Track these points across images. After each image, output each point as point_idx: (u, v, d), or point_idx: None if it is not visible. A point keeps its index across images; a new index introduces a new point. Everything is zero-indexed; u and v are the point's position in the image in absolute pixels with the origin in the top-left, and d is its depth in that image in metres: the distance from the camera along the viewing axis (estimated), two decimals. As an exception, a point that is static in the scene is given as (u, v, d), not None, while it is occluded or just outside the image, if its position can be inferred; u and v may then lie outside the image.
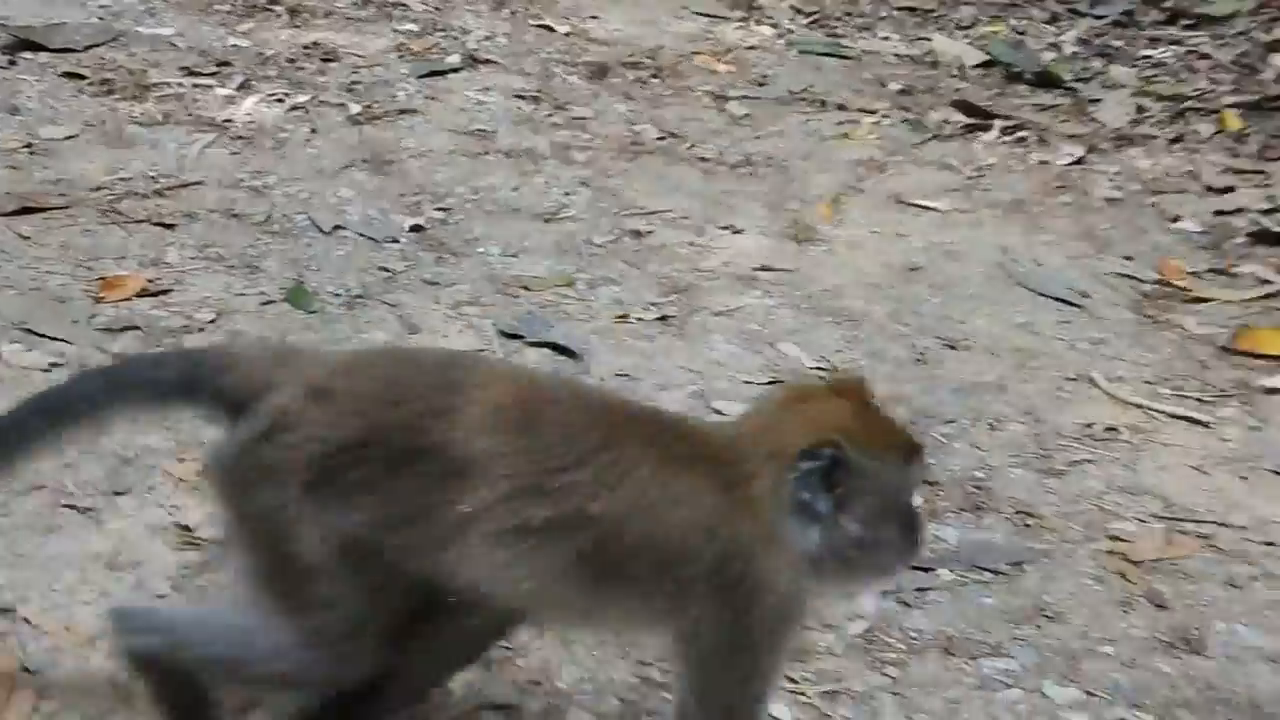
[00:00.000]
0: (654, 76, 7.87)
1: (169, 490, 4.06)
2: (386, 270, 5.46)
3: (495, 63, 7.78)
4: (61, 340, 4.71)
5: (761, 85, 7.92)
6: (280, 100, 6.92)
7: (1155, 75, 8.40)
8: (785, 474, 2.69)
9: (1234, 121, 7.71)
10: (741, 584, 2.69)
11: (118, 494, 4.03)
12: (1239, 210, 6.72)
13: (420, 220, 5.88)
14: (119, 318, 4.91)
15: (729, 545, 2.69)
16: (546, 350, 5.01)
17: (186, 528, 3.91)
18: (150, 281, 5.15)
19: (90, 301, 4.99)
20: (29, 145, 6.14)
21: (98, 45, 7.31)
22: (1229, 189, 6.97)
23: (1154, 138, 7.59)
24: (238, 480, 2.88)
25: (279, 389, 2.85)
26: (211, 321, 4.96)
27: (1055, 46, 8.85)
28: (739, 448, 2.80)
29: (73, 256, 5.26)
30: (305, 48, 7.65)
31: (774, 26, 8.95)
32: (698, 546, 2.69)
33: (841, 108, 7.67)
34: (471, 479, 2.70)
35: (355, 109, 6.94)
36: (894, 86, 8.06)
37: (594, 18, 8.75)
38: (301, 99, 6.96)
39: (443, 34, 8.14)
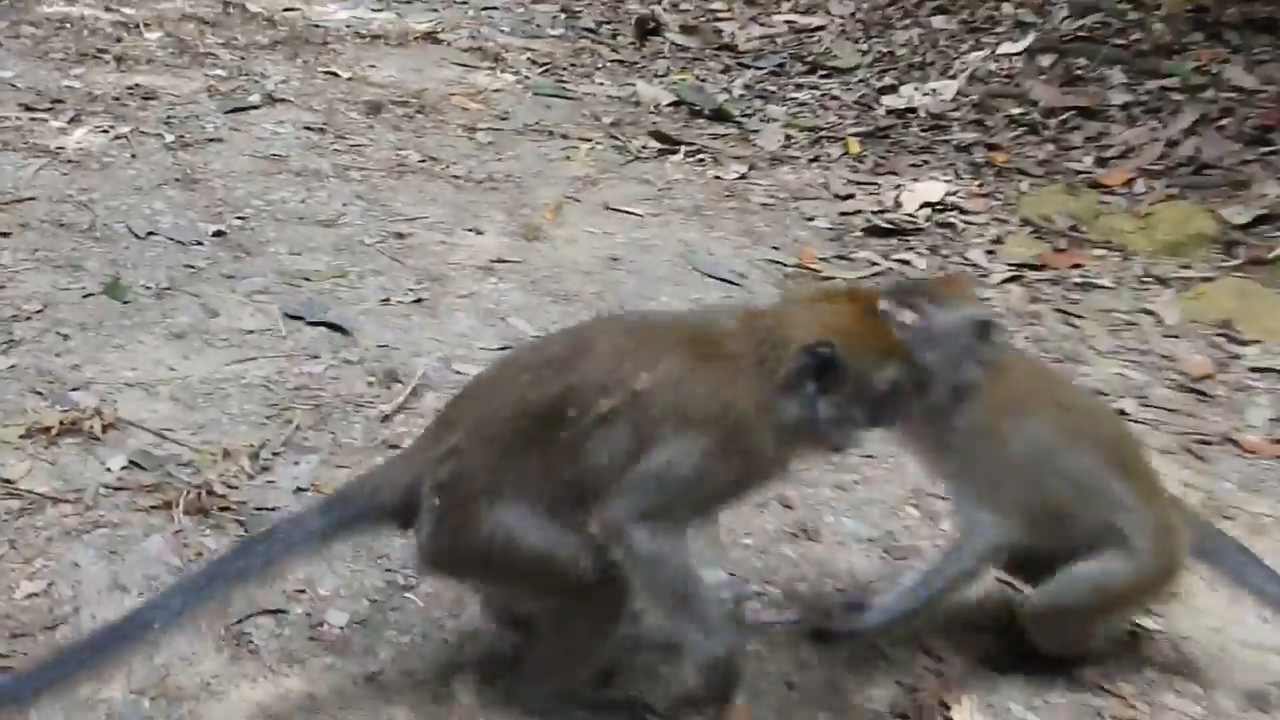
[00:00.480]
0: (419, 112, 7.70)
1: (-2, 450, 3.81)
2: (191, 267, 5.21)
3: (289, 101, 7.52)
4: (-94, 328, 4.39)
5: (504, 119, 7.82)
6: (106, 131, 6.56)
7: (799, 112, 8.58)
8: (786, 362, 2.78)
9: (855, 146, 7.92)
10: (730, 428, 2.77)
11: (-50, 456, 3.75)
12: (858, 212, 6.90)
13: (222, 227, 5.63)
14: (-43, 316, 4.58)
15: (730, 407, 2.77)
16: (323, 328, 4.85)
17: (8, 480, 3.67)
18: (-13, 281, 4.82)
19: (-73, 297, 4.65)
20: (-117, 169, 5.68)
21: (-49, 90, 6.82)
22: (850, 196, 7.15)
23: (797, 158, 7.75)
24: (458, 551, 2.86)
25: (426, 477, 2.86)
26: (39, 311, 4.67)
27: (727, 90, 8.96)
28: (757, 336, 2.86)
29: (-84, 261, 4.90)
30: (129, 88, 7.27)
31: (515, 74, 8.85)
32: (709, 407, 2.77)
33: (565, 136, 7.64)
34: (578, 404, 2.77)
35: (170, 138, 6.62)
36: (606, 120, 8.05)
37: (372, 66, 8.53)
38: (124, 130, 6.61)
39: (246, 78, 7.82)
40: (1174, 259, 6.45)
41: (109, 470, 3.77)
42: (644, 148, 7.60)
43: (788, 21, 10.26)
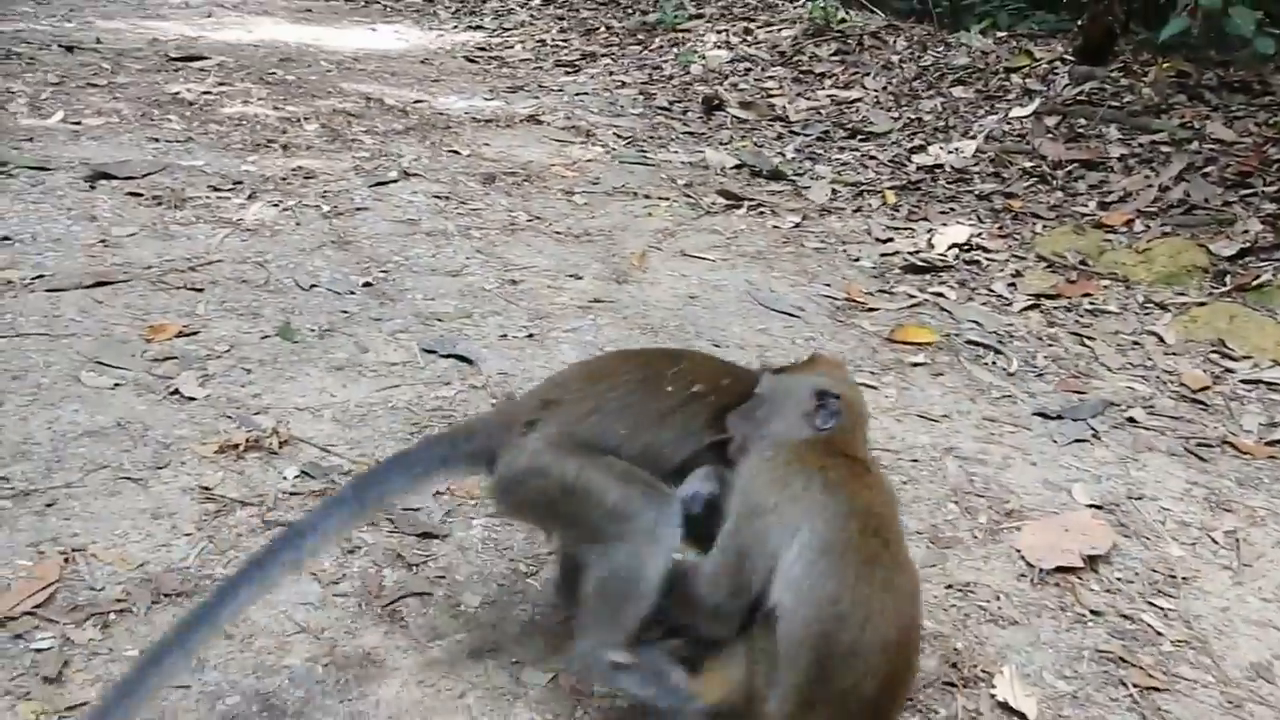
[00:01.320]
0: (525, 180, 7.74)
1: (195, 464, 3.88)
2: (346, 312, 5.28)
3: (420, 175, 7.60)
4: (121, 368, 4.49)
5: (595, 184, 7.84)
6: (275, 205, 6.68)
7: (843, 170, 8.49)
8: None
9: (891, 197, 7.82)
10: None
11: (159, 468, 3.83)
12: (896, 253, 6.81)
13: (369, 279, 5.69)
14: (163, 351, 4.68)
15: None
16: (453, 359, 4.88)
17: (206, 488, 3.73)
18: (185, 327, 4.92)
19: (142, 342, 4.75)
20: (103, 240, 5.83)
21: (151, 174, 6.99)
22: (889, 239, 7.06)
23: (843, 209, 7.67)
24: (533, 485, 2.84)
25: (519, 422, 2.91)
26: (227, 350, 4.75)
27: (781, 154, 8.90)
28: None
29: (130, 313, 5.01)
30: (293, 170, 7.39)
31: (603, 147, 8.87)
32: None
33: (647, 196, 7.63)
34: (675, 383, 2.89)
35: (326, 209, 6.71)
36: (680, 182, 8.03)
37: (486, 144, 8.59)
38: (290, 203, 6.72)
39: (385, 158, 7.92)
40: (1170, 287, 6.27)
41: (284, 479, 3.82)
42: (713, 204, 7.57)
43: (829, 95, 10.18)
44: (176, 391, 4.35)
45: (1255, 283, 6.05)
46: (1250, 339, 5.61)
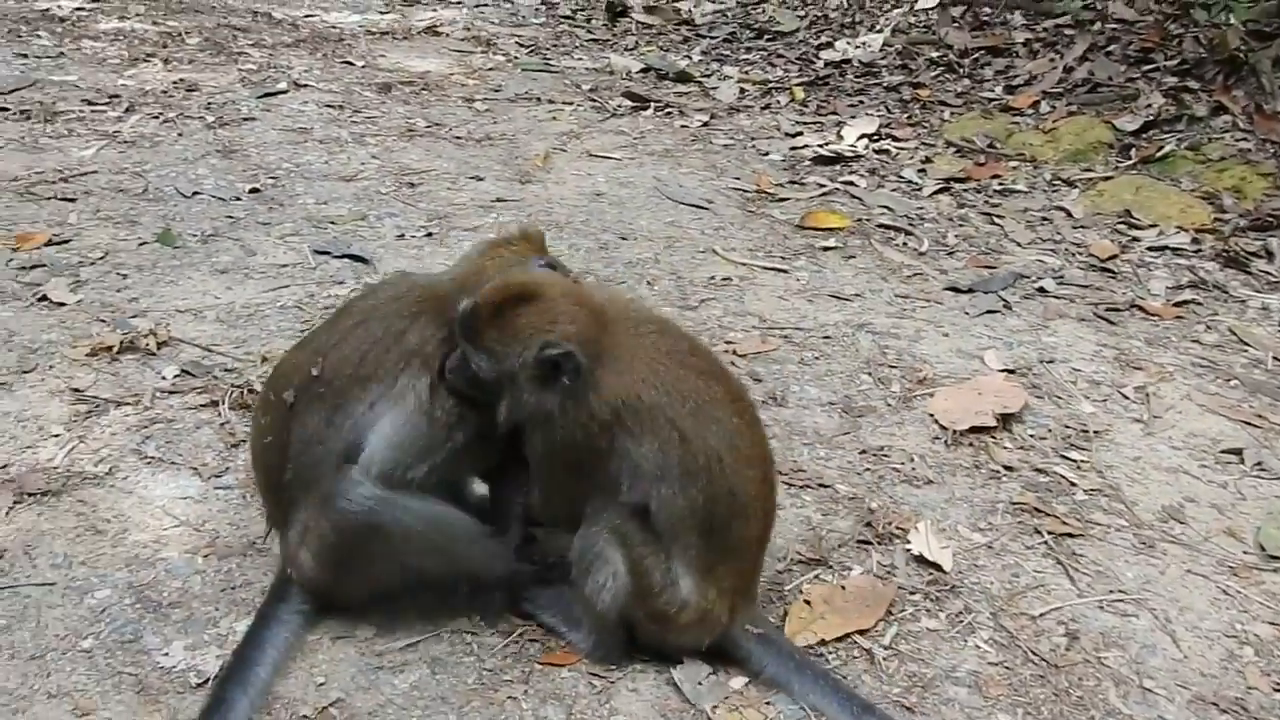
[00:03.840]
0: (424, 89, 7.40)
1: (65, 367, 3.60)
2: (232, 218, 4.97)
3: (312, 86, 7.21)
4: (-17, 278, 4.17)
5: (497, 92, 7.53)
6: (156, 117, 6.27)
7: (750, 70, 8.29)
8: None
9: (800, 94, 7.65)
10: None
11: (25, 373, 3.55)
12: (805, 146, 6.65)
13: (257, 185, 5.38)
14: (30, 260, 4.34)
15: None
16: (347, 260, 4.63)
17: (78, 389, 3.46)
18: (54, 235, 4.58)
19: (8, 251, 4.41)
20: (-38, 156, 5.42)
21: (19, 89, 6.52)
22: (799, 133, 6.90)
23: (751, 107, 7.48)
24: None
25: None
26: (101, 258, 4.44)
27: (688, 57, 8.66)
28: None
29: (-5, 224, 4.66)
30: (174, 83, 6.96)
31: (505, 56, 8.54)
32: None
33: (551, 101, 7.35)
34: None
35: (210, 119, 6.33)
36: (585, 87, 7.76)
37: (382, 56, 8.20)
38: (171, 115, 6.32)
39: (274, 70, 7.50)
40: (1077, 164, 6.23)
41: (163, 378, 3.57)
42: (619, 106, 7.32)
43: (737, -1, 9.94)
44: (45, 298, 4.04)
45: (1159, 154, 6.02)
46: (1155, 208, 5.59)
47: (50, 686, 2.38)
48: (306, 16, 9.25)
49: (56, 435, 3.22)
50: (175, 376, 3.58)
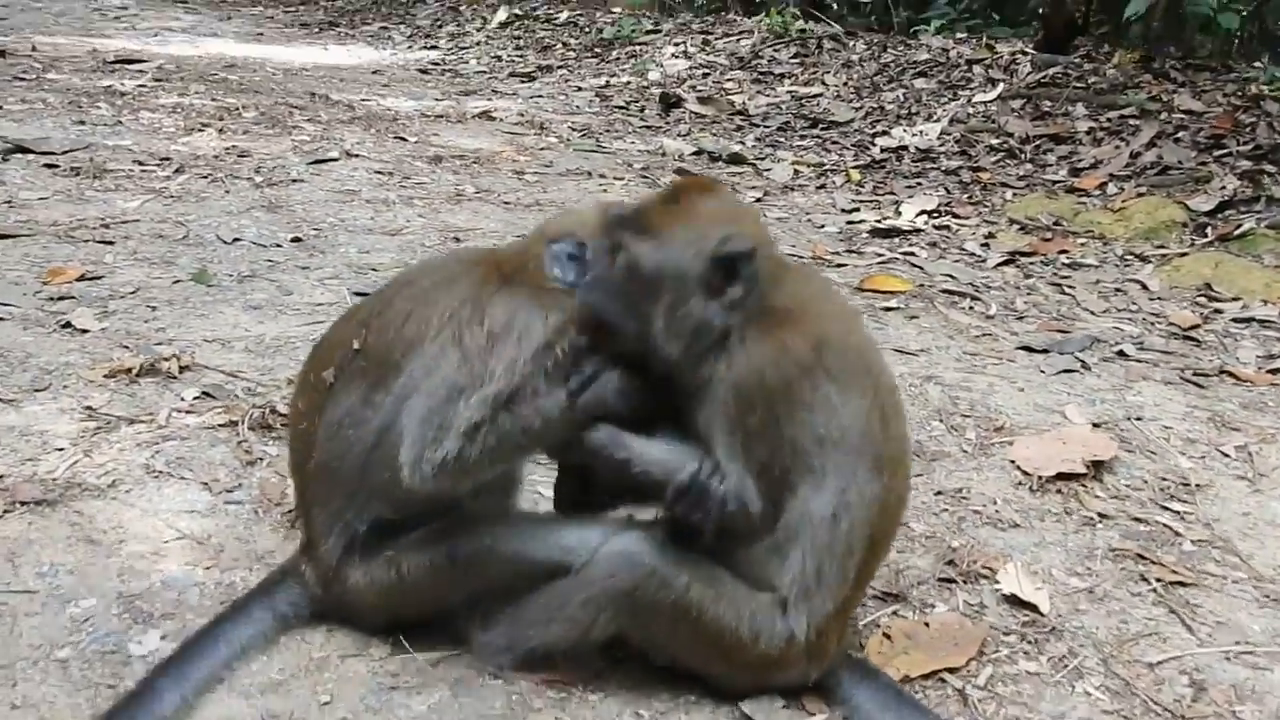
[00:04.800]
0: (475, 163, 7.36)
1: (80, 387, 3.39)
2: (271, 262, 4.83)
3: (363, 156, 7.19)
4: (8, 304, 4.01)
5: (548, 167, 7.47)
6: (205, 177, 6.24)
7: (804, 154, 8.19)
8: None
9: (856, 175, 7.52)
10: None
11: (37, 391, 3.34)
12: (862, 221, 6.46)
13: (299, 235, 5.26)
14: (59, 292, 4.20)
15: None
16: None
17: (90, 407, 3.24)
18: (87, 272, 4.45)
19: (38, 284, 4.27)
20: (8, 202, 5.36)
21: (73, 150, 6.54)
22: (855, 210, 6.73)
23: (806, 186, 7.35)
24: None
25: None
26: (132, 293, 4.28)
27: (741, 143, 8.58)
28: None
29: (28, 261, 4.53)
30: (226, 149, 6.97)
31: (557, 137, 8.53)
32: None
33: (602, 176, 7.27)
34: None
35: (259, 180, 6.29)
36: (637, 166, 7.69)
37: (435, 135, 8.23)
38: (220, 175, 6.29)
39: (327, 141, 7.52)
40: (1149, 241, 5.96)
41: (182, 399, 3.34)
42: (670, 184, 7.19)
43: (789, 92, 9.93)
44: (69, 324, 3.87)
45: (1238, 232, 5.75)
46: (1237, 282, 5.28)
47: (15, 697, 2.08)
48: (363, 100, 9.36)
49: (60, 449, 2.99)
50: (195, 399, 3.36)
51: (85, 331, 3.83)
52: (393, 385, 2.14)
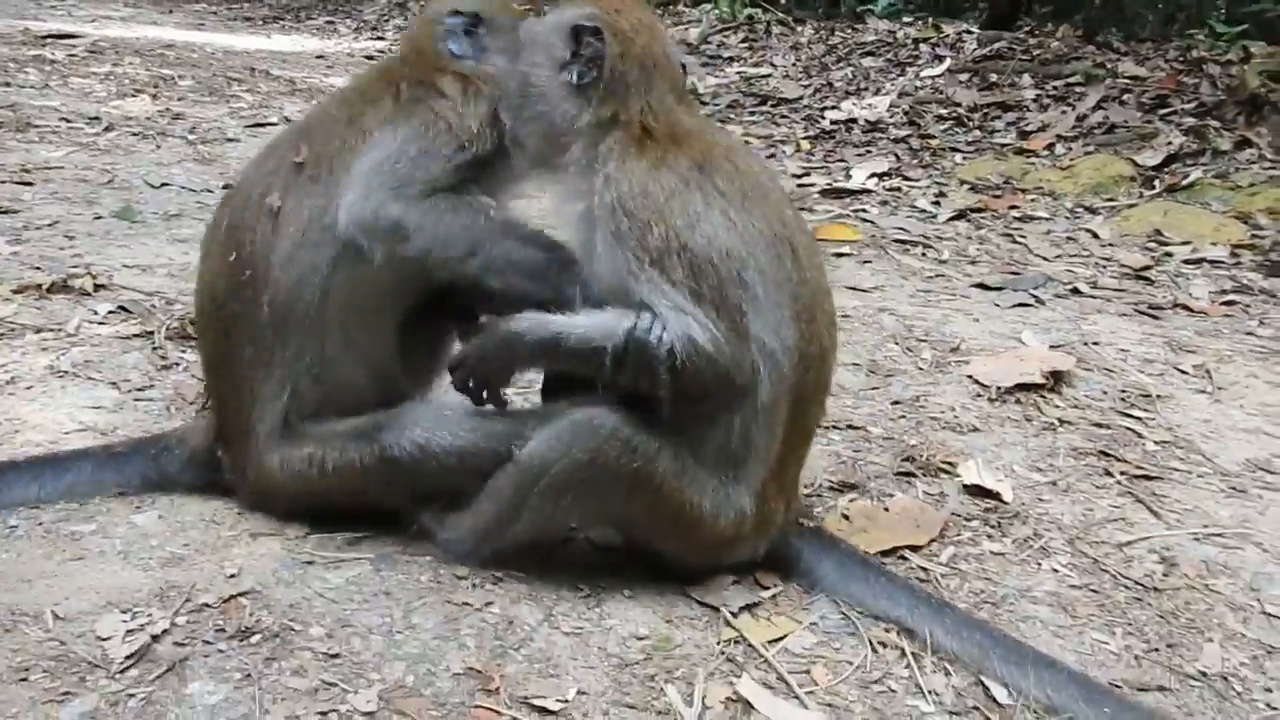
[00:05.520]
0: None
1: None
2: (200, 204, 4.60)
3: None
4: (-87, 231, 3.75)
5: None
6: (135, 134, 5.98)
7: (753, 129, 8.08)
8: None
9: (806, 145, 7.42)
10: None
11: None
12: (813, 185, 6.34)
13: (232, 182, 5.01)
14: (-30, 222, 3.95)
15: None
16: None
17: (-8, 317, 3.01)
18: (3, 206, 4.19)
19: (-53, 215, 4.02)
20: (-77, 150, 5.08)
21: (-5, 109, 6.25)
22: (806, 174, 6.62)
23: (756, 156, 7.23)
24: None
25: None
26: (50, 225, 4.03)
27: (690, 117, 8.44)
28: None
29: (-60, 196, 4.27)
30: (160, 112, 6.70)
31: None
32: None
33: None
34: None
35: (193, 138, 6.04)
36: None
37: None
38: (152, 132, 6.03)
39: (265, 109, 7.28)
40: (1098, 195, 5.92)
41: (94, 313, 3.12)
42: (619, 151, 7.05)
43: (739, 73, 9.85)
44: (-23, 248, 3.63)
45: (1185, 183, 5.73)
46: (1187, 227, 5.24)
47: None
48: (305, 78, 9.12)
49: (-44, 354, 2.75)
50: (109, 313, 3.13)
51: (-7, 256, 3.59)
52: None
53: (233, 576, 1.88)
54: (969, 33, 9.45)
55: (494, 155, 2.07)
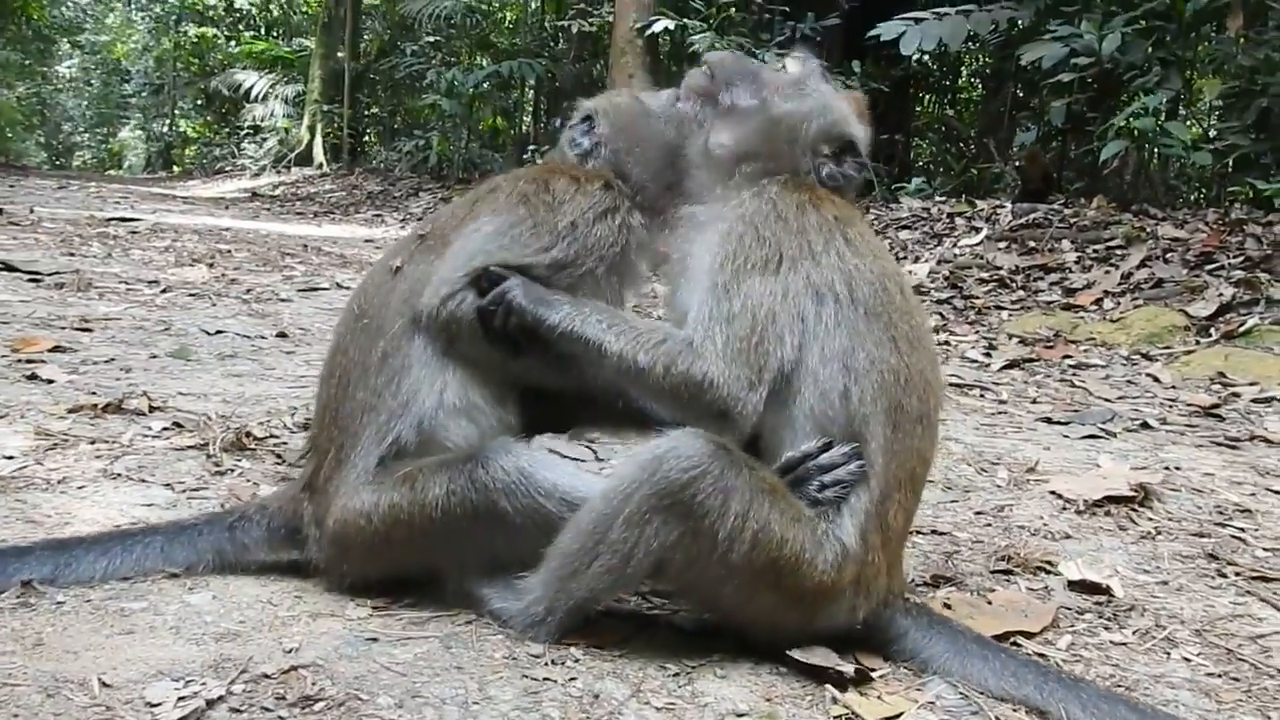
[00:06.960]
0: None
1: (39, 417, 3.09)
2: (255, 348, 4.63)
3: (355, 287, 7.09)
4: (-26, 362, 3.76)
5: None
6: (192, 295, 6.11)
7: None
8: None
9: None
10: None
11: (-8, 419, 3.05)
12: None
13: (284, 331, 5.08)
14: (29, 356, 3.95)
15: None
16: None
17: (48, 432, 2.95)
18: (60, 343, 4.22)
19: (8, 350, 4.03)
20: (-13, 304, 5.19)
21: (59, 273, 6.41)
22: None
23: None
24: None
25: None
26: (107, 362, 4.04)
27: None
28: None
29: None
30: (216, 278, 6.88)
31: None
32: None
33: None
34: None
35: (248, 297, 6.17)
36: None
37: (426, 278, 8.18)
38: (208, 293, 6.17)
39: (317, 277, 7.46)
40: (1153, 345, 5.84)
41: (149, 429, 3.06)
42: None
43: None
44: (35, 376, 3.61)
45: (1242, 329, 5.66)
46: (1251, 370, 5.13)
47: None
48: (356, 253, 9.40)
49: (10, 458, 2.68)
50: (164, 428, 3.08)
51: (51, 382, 3.57)
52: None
53: (292, 650, 1.73)
54: (1002, 207, 9.64)
55: (606, 255, 2.08)
